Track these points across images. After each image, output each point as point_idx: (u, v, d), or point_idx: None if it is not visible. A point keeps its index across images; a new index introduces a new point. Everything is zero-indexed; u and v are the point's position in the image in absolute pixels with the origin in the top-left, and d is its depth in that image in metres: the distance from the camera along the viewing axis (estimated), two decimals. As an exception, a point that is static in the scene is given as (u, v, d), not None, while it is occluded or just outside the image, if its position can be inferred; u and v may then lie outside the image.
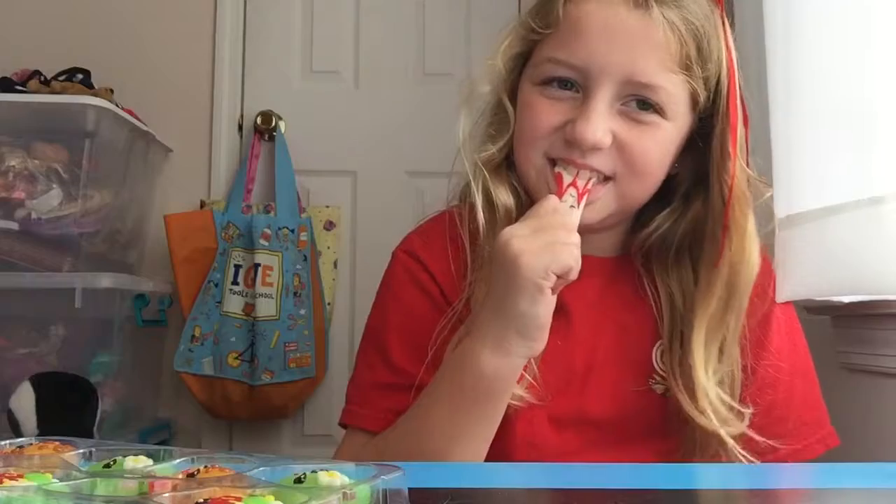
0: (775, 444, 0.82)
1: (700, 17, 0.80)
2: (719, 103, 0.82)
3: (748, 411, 0.82)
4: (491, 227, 0.83)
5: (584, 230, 0.78)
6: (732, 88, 0.82)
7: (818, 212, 1.01)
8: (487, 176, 0.85)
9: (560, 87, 0.81)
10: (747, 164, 0.84)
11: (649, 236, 0.87)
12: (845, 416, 1.34)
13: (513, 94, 0.86)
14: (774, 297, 0.91)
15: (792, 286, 0.95)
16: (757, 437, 0.82)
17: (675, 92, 0.80)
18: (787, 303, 0.93)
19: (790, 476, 0.74)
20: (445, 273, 0.88)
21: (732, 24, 0.85)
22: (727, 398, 0.82)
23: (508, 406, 0.79)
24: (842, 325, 1.38)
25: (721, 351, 0.83)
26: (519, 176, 0.86)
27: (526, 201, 0.86)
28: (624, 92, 0.79)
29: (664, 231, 0.87)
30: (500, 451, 0.80)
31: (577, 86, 0.81)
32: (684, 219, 0.86)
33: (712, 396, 0.81)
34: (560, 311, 0.86)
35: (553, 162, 0.82)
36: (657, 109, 0.80)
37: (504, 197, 0.85)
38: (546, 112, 0.81)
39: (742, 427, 0.81)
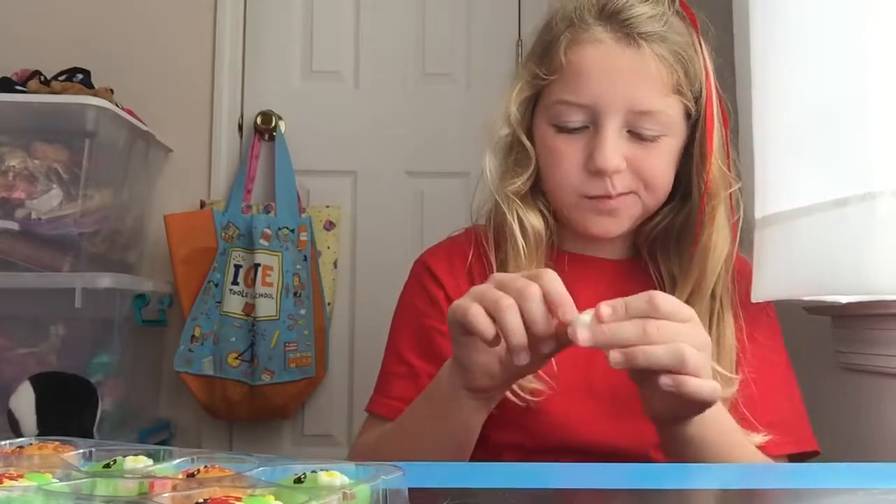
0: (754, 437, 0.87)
1: (683, 44, 0.92)
2: (701, 110, 0.94)
3: (736, 377, 0.90)
4: (527, 248, 0.95)
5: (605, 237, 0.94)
6: (709, 97, 0.93)
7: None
8: (521, 205, 0.96)
9: (574, 127, 0.92)
10: (728, 161, 0.95)
11: (654, 229, 0.99)
12: (845, 416, 1.34)
13: (529, 132, 0.98)
14: (762, 301, 0.99)
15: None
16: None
17: (672, 112, 0.92)
18: (771, 306, 1.00)
19: (789, 476, 0.74)
20: (453, 281, 0.98)
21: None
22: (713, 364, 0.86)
23: (529, 401, 0.88)
24: (841, 325, 1.38)
25: None
26: (550, 204, 0.98)
27: (553, 224, 0.99)
28: (629, 119, 0.90)
29: (666, 223, 0.98)
30: (528, 429, 0.89)
31: (587, 122, 0.91)
32: (682, 212, 0.97)
33: None
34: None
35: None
36: (659, 129, 0.91)
37: (535, 221, 0.97)
38: (567, 153, 0.93)
39: (727, 392, 0.87)
